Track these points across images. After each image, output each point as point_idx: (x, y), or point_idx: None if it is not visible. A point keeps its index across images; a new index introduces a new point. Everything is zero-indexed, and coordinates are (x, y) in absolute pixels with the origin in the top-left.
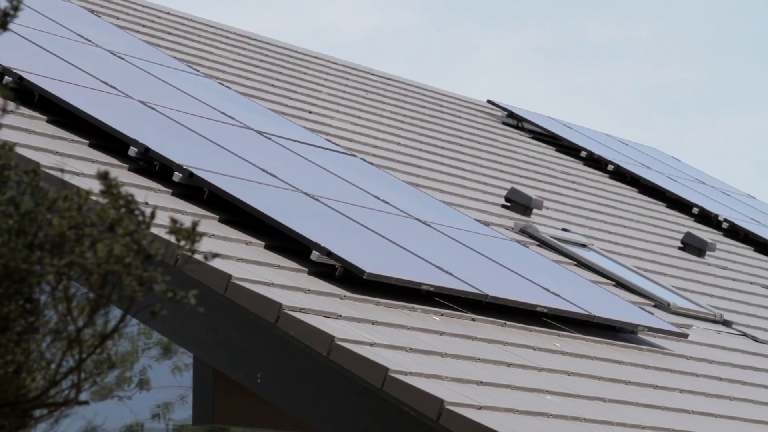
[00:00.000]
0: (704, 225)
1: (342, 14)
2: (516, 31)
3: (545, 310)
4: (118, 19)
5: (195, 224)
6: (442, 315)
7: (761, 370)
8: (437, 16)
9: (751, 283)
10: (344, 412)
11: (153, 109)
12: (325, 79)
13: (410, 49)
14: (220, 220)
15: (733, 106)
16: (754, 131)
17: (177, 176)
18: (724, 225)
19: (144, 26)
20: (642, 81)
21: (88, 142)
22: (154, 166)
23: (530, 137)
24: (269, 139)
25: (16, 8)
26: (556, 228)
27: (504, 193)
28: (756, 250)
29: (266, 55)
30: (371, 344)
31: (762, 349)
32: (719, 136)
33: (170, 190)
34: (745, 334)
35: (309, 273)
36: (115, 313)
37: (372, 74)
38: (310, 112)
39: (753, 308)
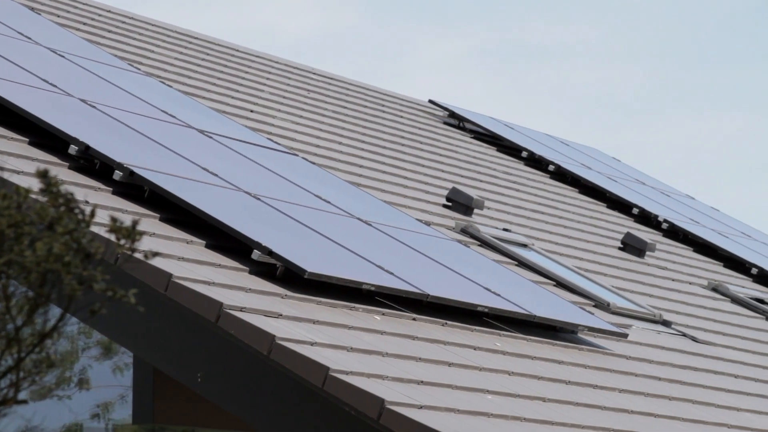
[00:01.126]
0: (644, 225)
1: (284, 13)
2: (458, 32)
3: (486, 310)
4: (58, 17)
5: (135, 223)
6: (383, 314)
7: (700, 370)
8: (380, 15)
9: (690, 284)
10: (285, 411)
11: (94, 107)
12: (267, 79)
13: (353, 48)
14: (161, 219)
15: (674, 107)
16: (694, 132)
17: (117, 175)
18: (664, 225)
19: (85, 24)
20: (583, 81)
21: (28, 140)
22: (94, 165)
23: (472, 137)
24: (211, 138)
25: None
26: (497, 228)
27: (445, 192)
28: (695, 251)
29: (208, 54)
30: (312, 344)
31: (701, 349)
32: (660, 137)
33: (111, 189)
34: (684, 334)
35: (250, 272)
36: (55, 311)
37: (314, 74)
38: (252, 111)
39: (692, 308)
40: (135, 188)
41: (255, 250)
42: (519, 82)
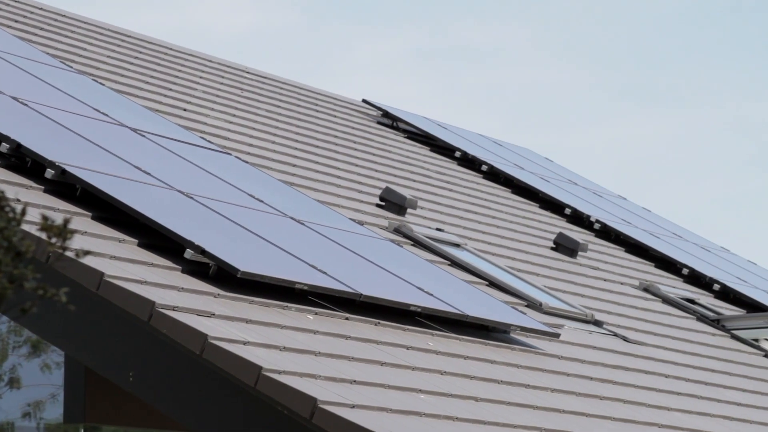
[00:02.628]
0: (576, 225)
1: (219, 13)
2: (393, 32)
3: (419, 310)
4: None
5: (67, 221)
6: (316, 314)
7: (631, 370)
8: (315, 15)
9: (621, 284)
10: (218, 410)
11: (25, 105)
12: (201, 77)
13: (288, 48)
14: (93, 218)
15: (607, 108)
16: (627, 133)
17: (49, 173)
18: (596, 226)
19: (16, 21)
20: (517, 82)
21: None
22: (26, 163)
23: (405, 137)
24: (143, 136)
25: None
26: (430, 228)
27: (379, 192)
28: (627, 251)
29: (141, 53)
30: (245, 343)
31: (632, 348)
32: (593, 138)
33: (42, 187)
34: (615, 334)
35: (183, 271)
36: None
37: (247, 73)
38: (185, 110)
39: (623, 308)
40: (67, 187)
41: (188, 249)
42: (453, 82)
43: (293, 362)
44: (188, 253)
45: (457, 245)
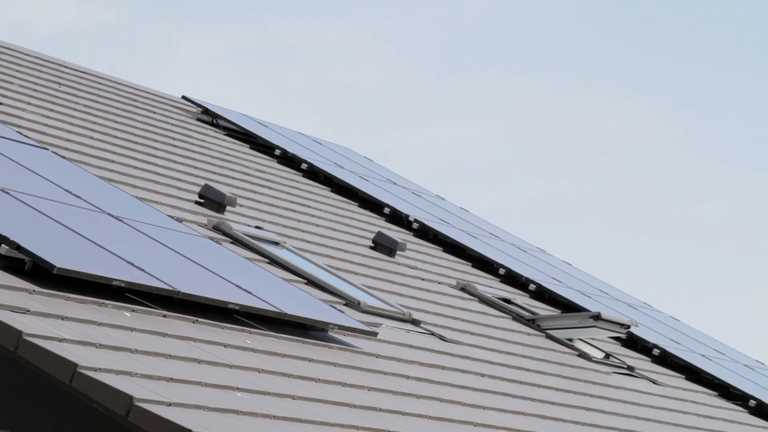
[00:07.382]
0: (395, 225)
1: (38, 9)
2: (216, 31)
3: (237, 308)
4: None
5: None
6: (133, 311)
7: (447, 369)
8: (137, 12)
9: (439, 283)
10: (32, 408)
11: None
12: (17, 71)
13: (110, 45)
14: None
15: (427, 111)
16: (447, 135)
17: None
18: (415, 225)
19: None
20: (340, 83)
21: None
22: None
23: (225, 134)
24: None
25: None
26: (249, 225)
27: (198, 189)
28: (444, 251)
29: None
30: (60, 340)
31: (448, 348)
32: (413, 139)
33: None
34: (432, 333)
35: None
36: None
37: (65, 67)
38: (1, 104)
39: (441, 308)
40: None
41: (2, 245)
42: (277, 81)
43: (109, 360)
44: (3, 249)
45: (276, 243)
